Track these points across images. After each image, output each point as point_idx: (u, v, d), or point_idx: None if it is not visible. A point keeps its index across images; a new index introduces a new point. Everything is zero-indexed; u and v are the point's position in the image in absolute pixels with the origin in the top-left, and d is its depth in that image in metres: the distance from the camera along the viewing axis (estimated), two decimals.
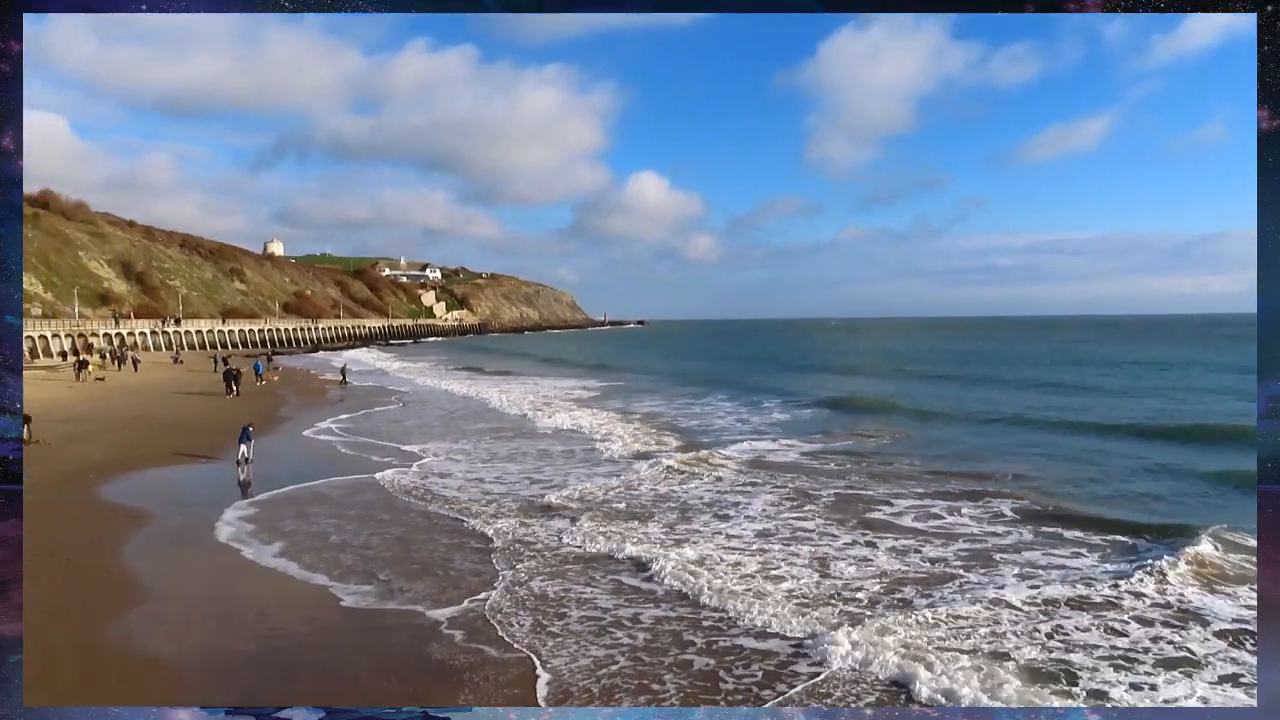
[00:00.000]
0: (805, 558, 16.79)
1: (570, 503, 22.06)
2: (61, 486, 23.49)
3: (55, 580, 15.20)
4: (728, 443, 32.63)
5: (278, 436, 34.07)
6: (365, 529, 19.24)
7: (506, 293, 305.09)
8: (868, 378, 67.56)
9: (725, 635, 12.76)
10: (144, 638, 12.62)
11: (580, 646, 12.31)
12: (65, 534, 18.51)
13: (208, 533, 18.89)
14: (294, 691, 10.80)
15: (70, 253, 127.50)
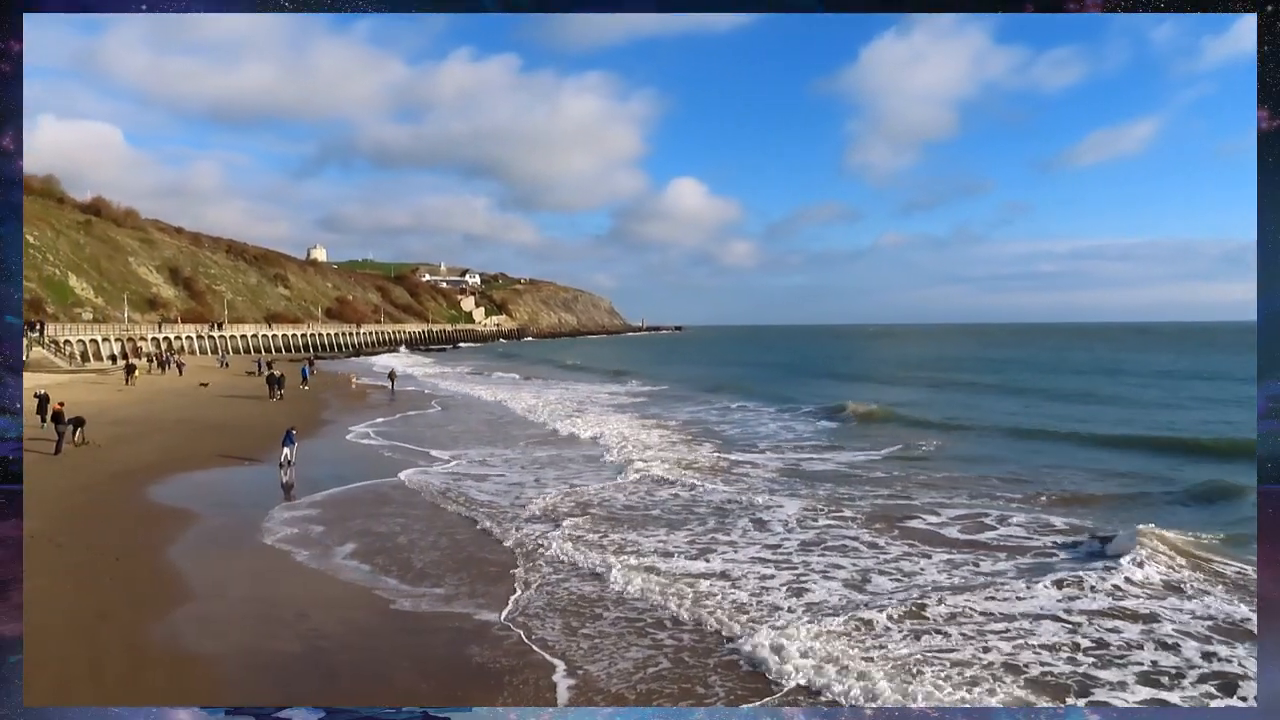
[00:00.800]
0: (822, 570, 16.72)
1: (594, 508, 22.17)
2: (110, 487, 24.07)
3: (101, 579, 15.58)
4: (765, 449, 32.55)
5: (320, 440, 34.58)
6: (405, 531, 19.50)
7: (545, 298, 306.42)
8: (902, 387, 66.78)
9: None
10: (188, 636, 12.90)
11: (614, 651, 12.40)
12: (114, 533, 18.98)
13: (252, 534, 19.25)
14: (334, 690, 11.02)
15: (120, 258, 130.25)
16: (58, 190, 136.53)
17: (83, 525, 19.67)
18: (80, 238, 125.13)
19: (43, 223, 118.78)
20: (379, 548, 18.16)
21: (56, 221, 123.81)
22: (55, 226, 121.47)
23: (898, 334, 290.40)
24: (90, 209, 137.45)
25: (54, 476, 25.25)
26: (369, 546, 18.26)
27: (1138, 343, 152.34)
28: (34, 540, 18.06)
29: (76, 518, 20.32)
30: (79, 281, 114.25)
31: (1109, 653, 12.21)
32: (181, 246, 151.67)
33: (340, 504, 22.50)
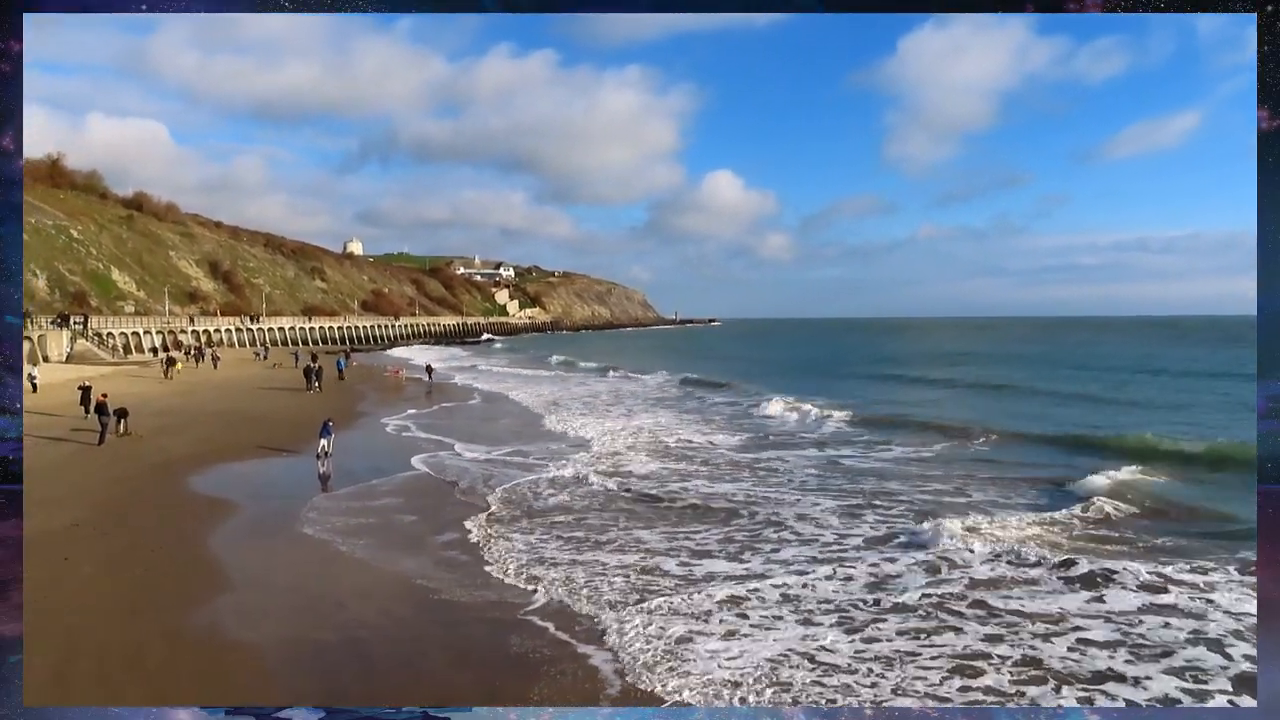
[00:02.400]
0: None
1: (627, 503, 22.08)
2: (152, 477, 24.38)
3: (140, 568, 15.75)
4: (794, 447, 32.30)
5: (356, 431, 34.81)
6: (441, 522, 19.55)
7: (579, 291, 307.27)
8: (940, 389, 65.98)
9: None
10: (228, 625, 12.99)
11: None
12: (156, 522, 19.19)
13: (290, 524, 19.38)
14: (369, 677, 11.02)
15: (161, 252, 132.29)
16: (101, 185, 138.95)
17: (125, 514, 19.92)
18: (123, 232, 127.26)
19: (86, 218, 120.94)
20: (414, 538, 18.21)
21: (99, 216, 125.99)
22: (98, 221, 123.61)
23: (932, 327, 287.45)
24: (132, 204, 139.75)
25: (98, 466, 25.64)
26: (404, 537, 18.31)
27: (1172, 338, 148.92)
28: (78, 529, 18.34)
29: (119, 507, 20.59)
30: (121, 275, 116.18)
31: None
32: (221, 240, 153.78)
33: (377, 495, 22.60)
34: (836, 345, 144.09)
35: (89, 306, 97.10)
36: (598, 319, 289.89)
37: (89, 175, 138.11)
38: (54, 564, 15.76)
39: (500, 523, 19.72)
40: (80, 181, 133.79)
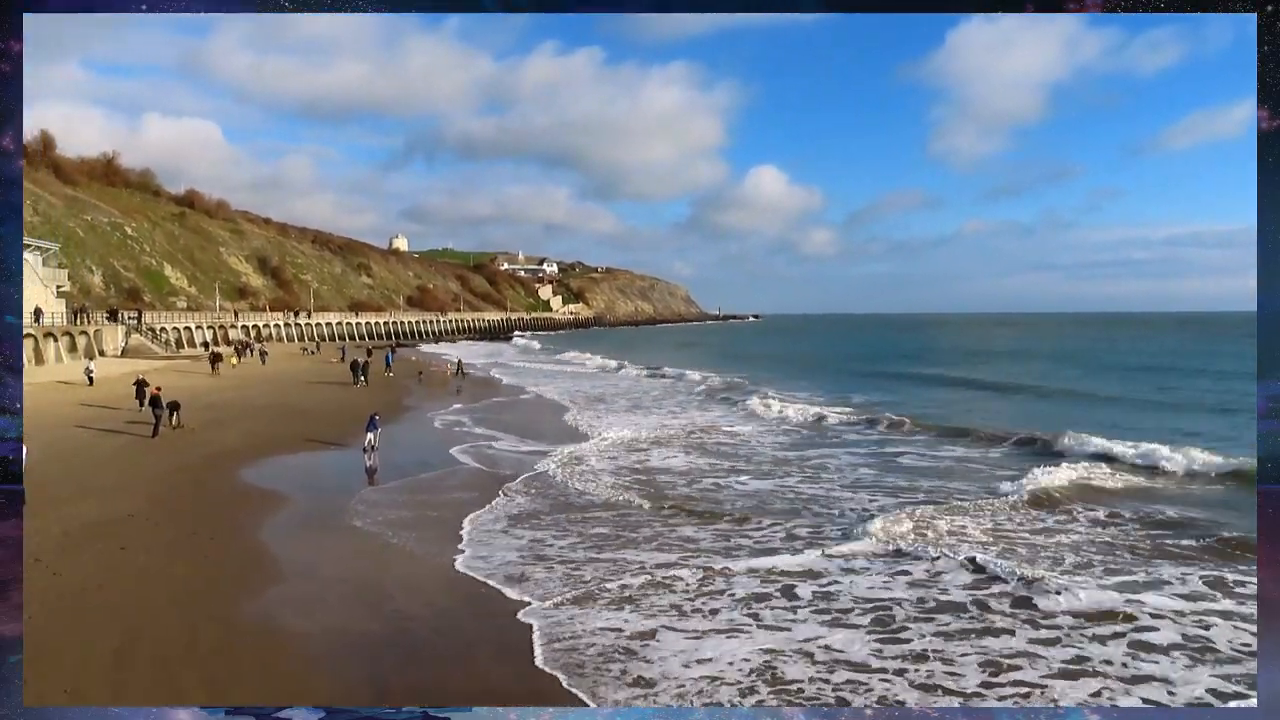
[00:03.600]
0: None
1: (664, 502, 22.04)
2: (204, 469, 24.85)
3: (195, 559, 16.04)
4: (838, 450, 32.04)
5: (402, 425, 35.17)
6: (483, 517, 19.69)
7: (621, 286, 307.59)
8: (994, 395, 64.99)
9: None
10: (279, 615, 13.20)
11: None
12: (208, 513, 19.55)
13: (339, 516, 19.64)
14: (421, 669, 11.14)
15: (212, 249, 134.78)
16: (154, 184, 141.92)
17: (179, 505, 20.32)
18: (175, 229, 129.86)
19: (140, 215, 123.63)
20: (458, 533, 18.35)
21: (153, 214, 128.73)
22: (151, 219, 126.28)
23: (980, 324, 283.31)
24: (184, 201, 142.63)
25: (152, 459, 26.17)
26: (450, 531, 18.46)
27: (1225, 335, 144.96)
28: (134, 519, 18.75)
29: (173, 498, 21.01)
30: (173, 271, 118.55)
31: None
32: (270, 237, 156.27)
33: (423, 488, 22.81)
34: (887, 342, 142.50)
35: (142, 302, 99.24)
36: (640, 314, 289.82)
37: (142, 173, 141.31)
38: (110, 553, 16.11)
39: (539, 516, 19.83)
40: (134, 180, 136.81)
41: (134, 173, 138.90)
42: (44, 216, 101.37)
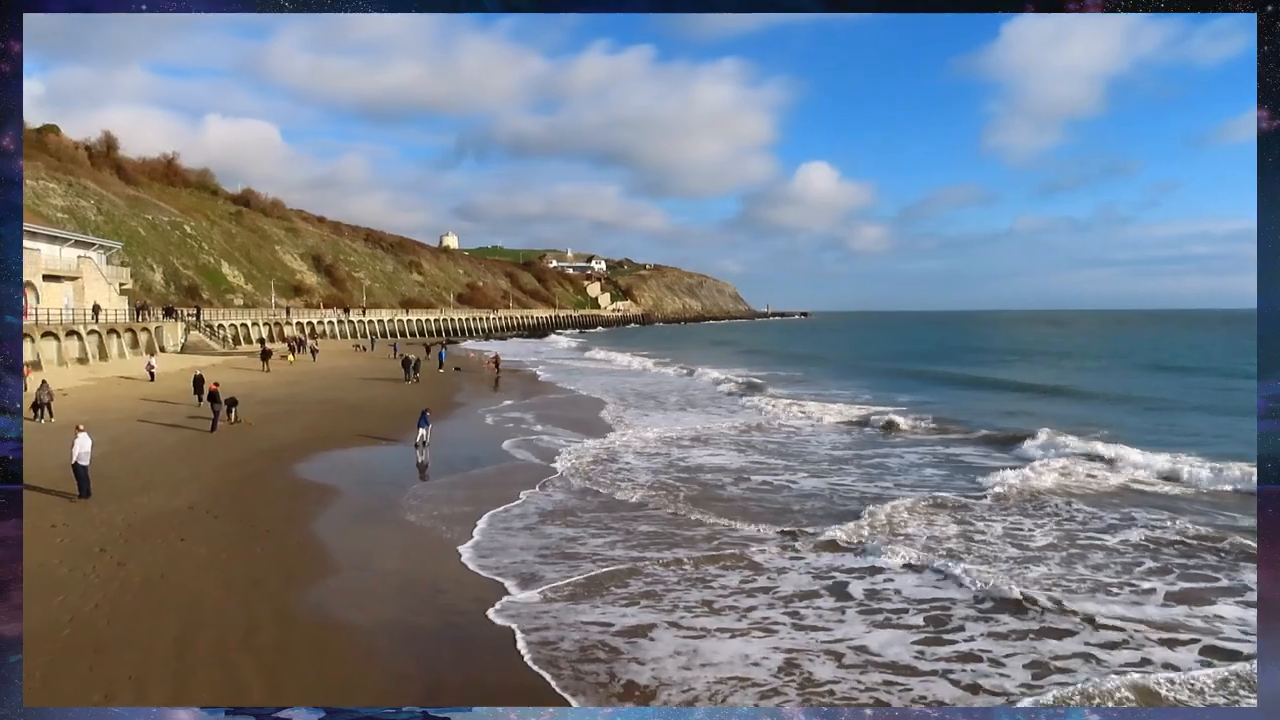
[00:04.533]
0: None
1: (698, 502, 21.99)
2: (261, 463, 25.35)
3: (252, 550, 16.38)
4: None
5: (453, 421, 35.54)
6: (535, 512, 19.85)
7: (669, 284, 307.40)
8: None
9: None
10: (334, 607, 13.44)
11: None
12: (265, 506, 19.96)
13: (392, 511, 19.92)
14: (464, 664, 11.27)
15: (268, 247, 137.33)
16: (212, 183, 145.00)
17: (237, 498, 20.76)
18: (232, 227, 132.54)
19: (198, 214, 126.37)
20: (511, 529, 18.52)
21: (210, 213, 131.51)
22: (209, 217, 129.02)
23: (1032, 320, 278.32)
24: (241, 200, 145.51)
25: (210, 452, 26.78)
26: (503, 527, 18.63)
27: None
28: (193, 511, 19.20)
29: (231, 491, 21.47)
30: (230, 269, 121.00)
31: None
32: (323, 235, 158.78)
33: (475, 484, 23.03)
34: (938, 340, 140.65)
35: (200, 299, 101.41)
36: (689, 312, 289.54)
37: (201, 173, 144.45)
38: (171, 544, 16.52)
39: (587, 512, 19.93)
40: (193, 179, 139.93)
41: (193, 173, 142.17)
42: (107, 216, 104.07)
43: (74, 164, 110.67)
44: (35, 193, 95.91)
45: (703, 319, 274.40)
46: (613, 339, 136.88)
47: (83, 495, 19.73)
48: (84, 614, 12.72)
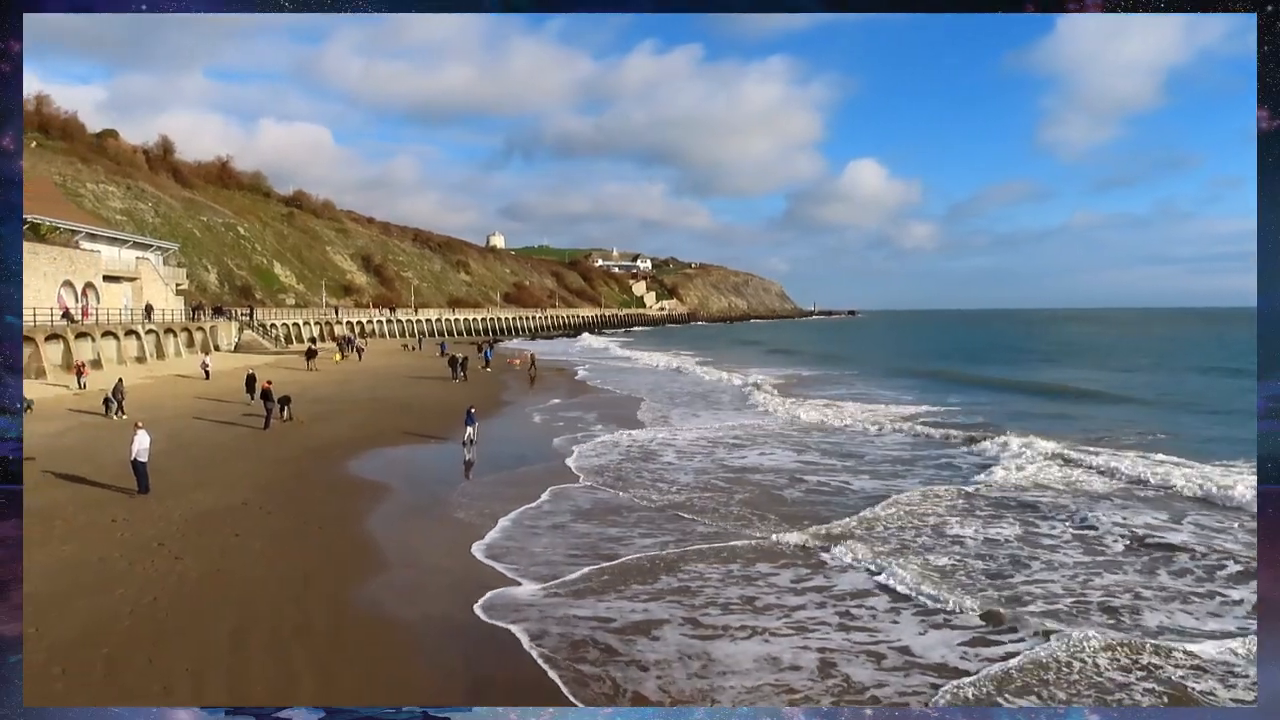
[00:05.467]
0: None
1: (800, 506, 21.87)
2: (312, 460, 25.76)
3: (304, 546, 16.65)
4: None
5: (501, 419, 35.82)
6: (579, 509, 19.94)
7: (715, 282, 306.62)
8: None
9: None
10: (384, 602, 13.61)
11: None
12: (317, 502, 20.28)
13: (439, 508, 20.13)
14: (508, 661, 11.35)
15: (319, 248, 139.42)
16: (264, 185, 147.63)
17: (289, 495, 21.12)
18: (284, 228, 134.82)
19: (251, 215, 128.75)
20: (556, 525, 18.62)
21: (263, 214, 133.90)
22: (262, 219, 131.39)
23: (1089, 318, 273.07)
24: (292, 201, 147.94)
25: (263, 449, 27.28)
26: (547, 525, 18.74)
27: None
28: (247, 507, 19.58)
29: (284, 488, 21.84)
30: (283, 269, 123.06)
31: None
32: (373, 235, 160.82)
33: (520, 482, 23.14)
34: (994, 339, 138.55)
35: (254, 299, 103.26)
36: (734, 311, 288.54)
37: (253, 175, 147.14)
38: (226, 539, 16.85)
39: (633, 511, 19.97)
40: (246, 182, 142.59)
41: (246, 175, 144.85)
42: (164, 218, 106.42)
43: (132, 167, 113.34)
44: (95, 195, 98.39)
45: (748, 318, 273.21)
46: (655, 338, 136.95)
47: (142, 491, 20.20)
48: (143, 606, 13.03)
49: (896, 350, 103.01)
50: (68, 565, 14.89)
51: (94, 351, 47.50)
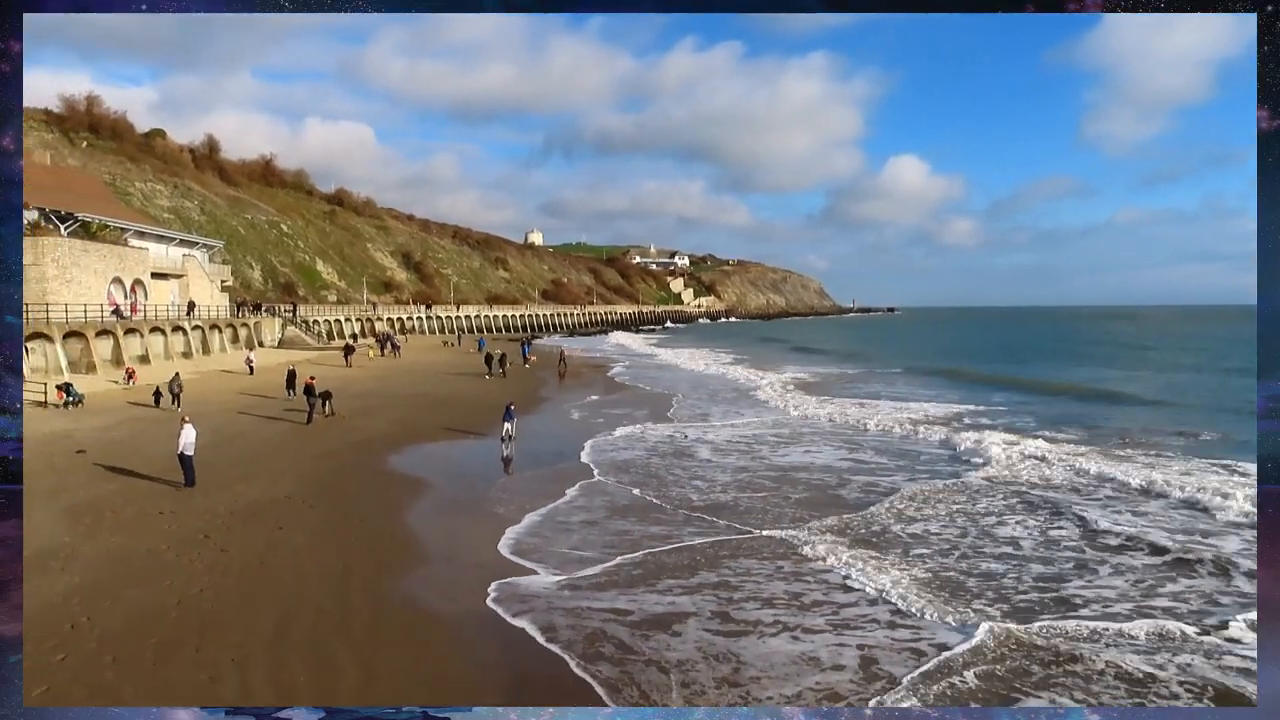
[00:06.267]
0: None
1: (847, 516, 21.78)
2: (354, 455, 26.09)
3: (346, 540, 16.89)
4: None
5: (540, 415, 36.03)
6: (617, 509, 20.02)
7: (753, 279, 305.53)
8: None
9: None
10: (424, 597, 13.78)
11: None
12: (358, 497, 20.55)
13: (479, 504, 20.30)
14: (548, 660, 11.44)
15: (360, 245, 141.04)
16: (306, 183, 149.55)
17: (331, 489, 21.42)
18: (326, 226, 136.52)
19: (294, 213, 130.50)
20: (592, 524, 18.71)
21: (306, 212, 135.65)
22: (305, 216, 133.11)
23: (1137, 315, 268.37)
24: (334, 199, 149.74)
25: (306, 444, 27.68)
26: (582, 523, 18.83)
27: None
28: (290, 500, 19.89)
29: (326, 482, 22.15)
30: (325, 266, 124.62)
31: None
32: (413, 233, 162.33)
33: (559, 478, 23.24)
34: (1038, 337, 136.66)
35: (296, 295, 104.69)
36: (772, 308, 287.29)
37: (296, 174, 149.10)
38: (270, 532, 17.14)
39: (669, 506, 19.99)
40: (289, 180, 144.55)
41: (289, 173, 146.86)
42: (209, 215, 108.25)
43: (179, 166, 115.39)
44: (144, 194, 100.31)
45: (786, 315, 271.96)
46: (692, 336, 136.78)
47: (188, 484, 20.60)
48: (190, 597, 13.31)
49: (935, 348, 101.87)
50: (117, 556, 15.24)
51: (142, 347, 48.47)
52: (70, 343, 42.28)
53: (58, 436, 26.99)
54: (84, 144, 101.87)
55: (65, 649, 11.23)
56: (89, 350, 43.01)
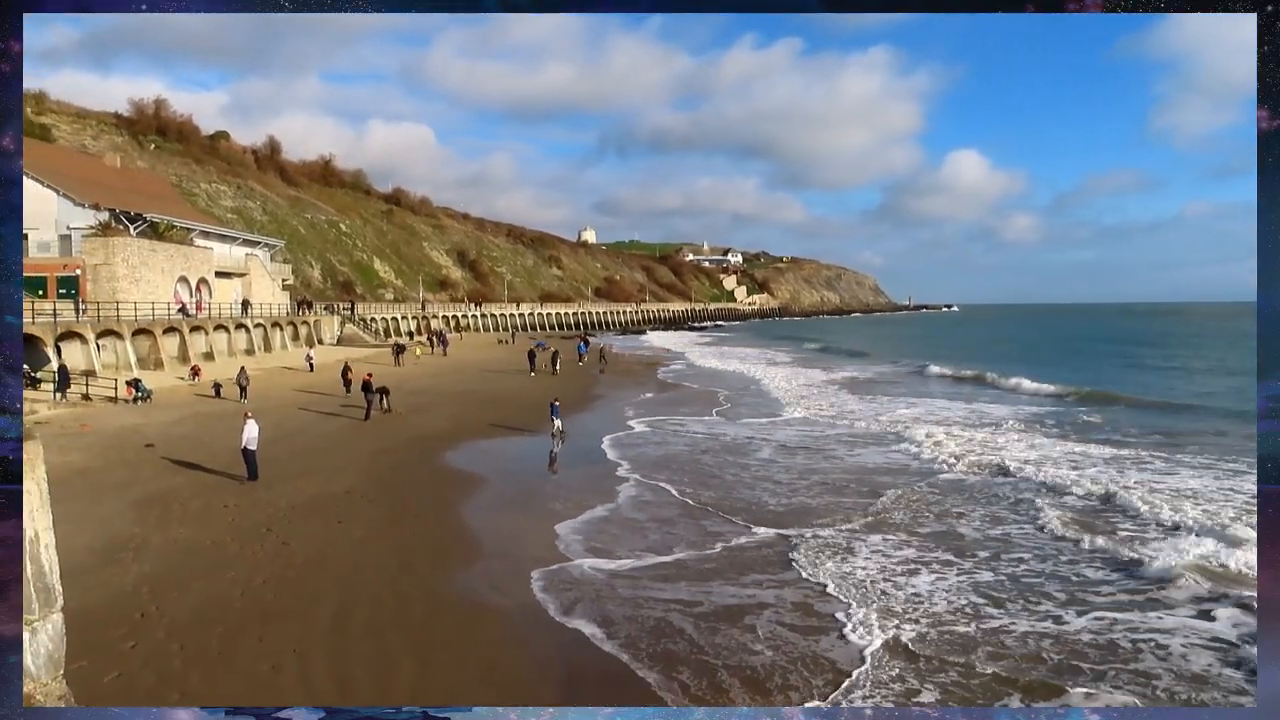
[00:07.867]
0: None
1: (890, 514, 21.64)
2: (410, 450, 26.50)
3: (403, 534, 17.19)
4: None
5: (593, 413, 36.21)
6: (668, 506, 20.08)
7: (807, 276, 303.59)
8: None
9: None
10: (479, 591, 13.98)
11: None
12: (415, 491, 20.89)
13: (531, 500, 20.51)
14: (598, 658, 11.53)
15: (416, 243, 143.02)
16: (364, 183, 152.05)
17: (389, 484, 21.80)
18: (383, 225, 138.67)
19: (353, 212, 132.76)
20: (636, 527, 18.78)
21: (364, 211, 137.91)
22: (363, 216, 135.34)
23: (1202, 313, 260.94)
24: (391, 199, 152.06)
25: (364, 440, 28.18)
26: (630, 524, 18.91)
27: None
28: (350, 495, 20.28)
29: (383, 477, 22.55)
30: (382, 265, 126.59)
31: None
32: (468, 231, 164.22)
33: (608, 476, 23.37)
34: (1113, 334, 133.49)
35: (354, 294, 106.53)
36: (826, 305, 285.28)
37: (355, 174, 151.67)
38: (329, 526, 17.51)
39: (723, 502, 19.98)
40: (347, 179, 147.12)
41: (347, 173, 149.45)
42: (271, 215, 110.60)
43: (242, 167, 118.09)
44: (208, 195, 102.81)
45: (841, 313, 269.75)
46: (745, 334, 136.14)
47: (251, 478, 21.11)
48: (253, 588, 13.66)
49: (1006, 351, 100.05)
50: (184, 548, 15.68)
51: (207, 344, 49.74)
52: (139, 340, 43.56)
53: (128, 431, 27.84)
54: (152, 146, 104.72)
55: (135, 637, 11.60)
56: (156, 347, 44.28)
